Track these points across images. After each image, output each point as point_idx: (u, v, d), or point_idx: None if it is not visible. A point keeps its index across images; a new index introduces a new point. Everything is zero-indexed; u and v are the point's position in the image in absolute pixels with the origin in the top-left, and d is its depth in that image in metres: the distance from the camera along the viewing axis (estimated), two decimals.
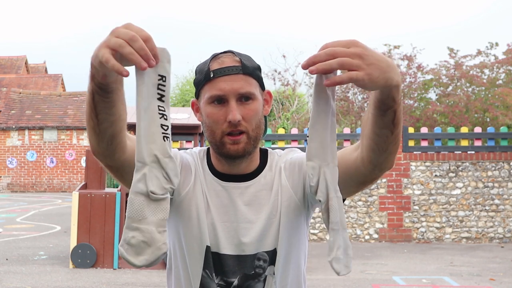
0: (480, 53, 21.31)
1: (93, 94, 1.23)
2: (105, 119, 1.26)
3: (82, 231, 7.87)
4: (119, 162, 1.34)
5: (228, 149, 1.46)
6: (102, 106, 1.24)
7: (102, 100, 1.23)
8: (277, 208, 1.50)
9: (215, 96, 1.45)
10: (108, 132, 1.28)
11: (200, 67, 1.51)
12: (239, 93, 1.45)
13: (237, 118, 1.43)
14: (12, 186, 25.86)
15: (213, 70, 1.46)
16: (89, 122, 1.29)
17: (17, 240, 10.63)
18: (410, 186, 10.92)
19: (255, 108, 1.47)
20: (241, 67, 1.46)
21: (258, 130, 1.49)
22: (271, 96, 1.57)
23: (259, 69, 1.52)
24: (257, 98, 1.48)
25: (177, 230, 1.53)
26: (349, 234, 10.89)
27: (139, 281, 7.08)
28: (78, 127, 25.86)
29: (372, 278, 7.46)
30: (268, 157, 1.58)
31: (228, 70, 1.45)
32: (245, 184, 1.52)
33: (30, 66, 35.65)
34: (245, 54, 1.52)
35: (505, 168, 10.88)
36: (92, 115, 1.26)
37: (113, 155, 1.32)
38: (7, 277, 7.29)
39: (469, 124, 18.59)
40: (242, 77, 1.45)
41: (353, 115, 21.84)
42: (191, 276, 1.52)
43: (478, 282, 7.23)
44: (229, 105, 1.44)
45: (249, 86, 1.46)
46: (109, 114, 1.25)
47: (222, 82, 1.44)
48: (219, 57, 1.48)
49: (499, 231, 10.81)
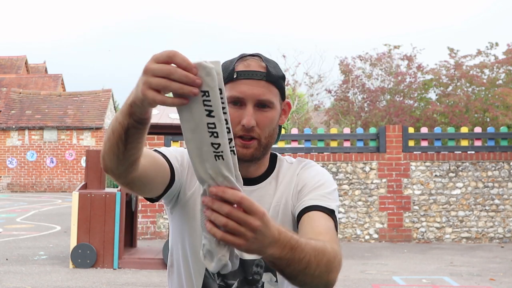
0: (480, 53, 21.32)
1: (127, 128, 1.18)
2: (134, 147, 1.23)
3: (82, 231, 7.87)
4: (131, 179, 1.31)
5: (237, 151, 1.44)
6: (136, 137, 1.20)
7: (137, 132, 1.19)
8: (276, 218, 1.51)
9: (234, 97, 1.44)
10: (132, 158, 1.25)
11: (226, 64, 1.49)
12: (258, 99, 1.44)
13: (251, 124, 1.43)
14: (12, 186, 25.86)
15: (238, 71, 1.45)
16: (113, 150, 1.23)
17: (17, 240, 10.63)
18: (410, 186, 10.92)
19: (271, 117, 1.47)
20: (266, 73, 1.45)
21: (270, 139, 1.49)
22: (289, 107, 1.56)
23: (283, 78, 1.51)
24: (275, 107, 1.48)
25: (182, 229, 1.54)
26: (349, 234, 10.89)
27: (139, 281, 7.08)
28: (78, 127, 25.86)
29: (372, 278, 7.46)
30: (276, 163, 1.58)
31: (252, 74, 1.45)
32: (250, 188, 1.52)
33: (30, 66, 35.66)
34: (272, 60, 1.51)
35: (505, 168, 10.88)
36: (119, 145, 1.21)
37: (127, 176, 1.30)
38: (7, 277, 7.29)
39: (469, 124, 18.60)
40: (264, 84, 1.45)
41: (353, 115, 21.83)
42: (193, 275, 1.52)
43: (478, 282, 7.23)
44: (246, 109, 1.44)
45: (269, 94, 1.46)
46: (139, 142, 1.22)
47: (244, 85, 1.44)
48: (246, 59, 1.48)
49: (499, 231, 10.81)
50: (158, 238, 10.77)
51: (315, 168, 1.58)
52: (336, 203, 1.51)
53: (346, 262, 8.44)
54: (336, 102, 23.29)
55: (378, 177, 10.93)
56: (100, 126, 25.88)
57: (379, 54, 22.39)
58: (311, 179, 1.53)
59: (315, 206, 1.46)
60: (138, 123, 1.17)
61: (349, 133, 11.72)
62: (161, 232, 10.85)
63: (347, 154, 11.03)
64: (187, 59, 1.05)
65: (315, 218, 1.43)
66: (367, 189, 10.94)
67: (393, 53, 22.23)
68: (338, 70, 23.32)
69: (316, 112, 26.00)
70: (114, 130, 1.20)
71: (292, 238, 1.19)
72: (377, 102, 21.78)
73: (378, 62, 22.35)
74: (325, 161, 11.01)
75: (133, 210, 8.92)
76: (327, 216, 1.44)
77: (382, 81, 22.36)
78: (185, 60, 1.05)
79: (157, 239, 10.71)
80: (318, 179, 1.54)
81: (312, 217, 1.44)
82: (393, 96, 21.87)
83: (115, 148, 1.22)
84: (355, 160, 10.99)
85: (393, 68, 22.20)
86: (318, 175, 1.55)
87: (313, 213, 1.45)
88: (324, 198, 1.48)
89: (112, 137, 1.21)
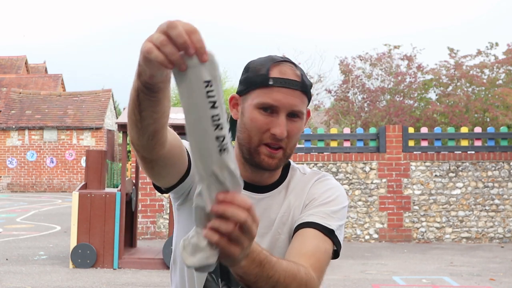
0: (480, 53, 21.31)
1: (138, 92, 1.15)
2: (149, 116, 1.19)
3: (82, 231, 7.87)
4: (156, 156, 1.29)
5: (262, 159, 1.43)
6: (147, 104, 1.17)
7: (147, 98, 1.16)
8: (282, 229, 1.49)
9: (268, 104, 1.40)
10: (151, 128, 1.22)
11: (257, 67, 1.45)
12: (292, 110, 1.41)
13: (284, 135, 1.40)
14: (12, 186, 25.86)
15: (273, 78, 1.41)
16: (131, 117, 1.21)
17: (17, 240, 10.63)
18: (410, 186, 10.92)
19: (299, 127, 1.44)
20: (301, 83, 1.42)
21: (293, 149, 1.47)
22: (309, 115, 1.53)
23: (312, 86, 1.49)
24: (303, 118, 1.46)
25: (189, 228, 1.53)
26: (349, 234, 10.89)
27: (139, 281, 7.07)
28: (78, 127, 25.86)
29: (372, 278, 7.46)
30: (289, 172, 1.56)
31: (288, 83, 1.41)
32: (260, 196, 1.50)
33: (30, 66, 35.66)
34: (300, 67, 1.48)
35: (505, 168, 10.88)
36: (135, 111, 1.19)
37: (152, 150, 1.26)
38: (7, 277, 7.29)
39: (469, 124, 18.59)
40: (299, 94, 1.42)
41: (353, 115, 21.82)
42: (195, 277, 1.50)
43: (478, 282, 7.23)
44: (278, 118, 1.40)
45: (302, 105, 1.43)
46: (153, 112, 1.19)
47: (280, 93, 1.40)
48: (280, 65, 1.44)
49: (499, 231, 10.81)
50: (158, 238, 10.77)
51: (328, 183, 1.54)
52: (339, 223, 1.47)
53: (346, 262, 8.45)
54: (336, 102, 23.29)
55: (378, 177, 10.93)
56: (100, 126, 25.88)
57: (379, 54, 22.38)
58: (321, 195, 1.50)
59: (313, 223, 1.42)
60: (145, 87, 1.13)
61: (349, 133, 11.72)
62: (161, 232, 10.85)
63: (347, 154, 11.03)
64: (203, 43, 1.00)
65: (307, 236, 1.40)
66: (367, 189, 10.94)
67: (393, 53, 22.22)
68: (338, 70, 23.31)
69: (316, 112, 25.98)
70: (131, 96, 1.18)
71: (261, 252, 1.17)
72: (377, 102, 21.77)
73: (378, 62, 22.33)
74: (325, 161, 11.01)
75: (133, 210, 8.91)
76: (322, 236, 1.41)
77: (382, 81, 22.35)
78: (200, 41, 0.99)
79: (157, 239, 10.71)
80: (328, 195, 1.50)
81: (304, 235, 1.40)
82: (393, 96, 21.86)
83: (132, 115, 1.20)
84: (355, 160, 10.99)
85: (393, 68, 22.19)
86: (329, 191, 1.51)
87: (308, 230, 1.41)
88: (326, 216, 1.45)
89: (130, 103, 1.19)
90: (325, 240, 1.41)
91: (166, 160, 1.30)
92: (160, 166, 1.32)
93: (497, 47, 21.32)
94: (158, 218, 10.91)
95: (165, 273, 7.39)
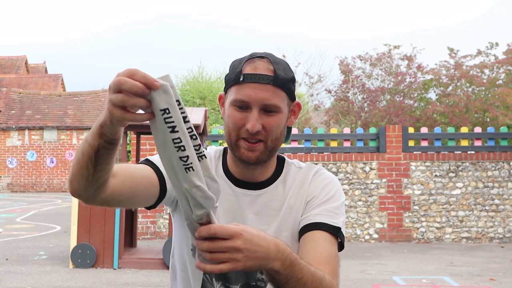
0: (480, 53, 21.30)
1: (97, 149, 1.17)
2: (103, 169, 1.21)
3: (82, 231, 7.87)
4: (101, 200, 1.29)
5: (242, 153, 1.44)
6: (105, 157, 1.19)
7: (107, 153, 1.18)
8: (285, 225, 1.50)
9: (239, 100, 1.42)
10: (102, 179, 1.23)
11: (235, 65, 1.47)
12: (264, 104, 1.41)
13: (255, 129, 1.41)
14: (12, 186, 25.86)
15: (244, 74, 1.42)
16: (82, 172, 1.21)
17: (17, 240, 10.63)
18: (410, 186, 10.92)
19: (278, 121, 1.44)
20: (273, 77, 1.42)
21: (277, 141, 1.46)
22: (299, 108, 1.53)
23: (293, 80, 1.47)
24: (282, 111, 1.45)
25: (181, 233, 1.53)
26: (349, 234, 10.89)
27: (139, 281, 7.07)
28: (78, 127, 25.87)
29: (372, 278, 7.46)
30: (284, 167, 1.56)
31: (258, 78, 1.41)
32: (257, 192, 1.51)
33: (30, 66, 35.66)
34: (283, 61, 1.47)
35: (505, 168, 10.88)
36: (89, 166, 1.20)
37: (95, 198, 1.27)
38: (7, 277, 7.29)
39: (469, 124, 18.60)
40: (270, 88, 1.41)
41: (353, 115, 21.81)
42: (191, 278, 1.51)
43: (478, 282, 7.23)
44: (251, 113, 1.41)
45: (276, 99, 1.42)
46: (108, 164, 1.21)
47: (250, 89, 1.41)
48: (254, 61, 1.44)
49: (499, 231, 10.81)
50: (158, 238, 10.77)
51: (325, 177, 1.55)
52: (342, 218, 1.49)
53: (346, 262, 8.44)
54: (336, 102, 23.27)
55: (378, 177, 10.94)
56: None
57: (379, 54, 22.37)
58: (321, 191, 1.51)
59: (320, 224, 1.44)
60: (108, 143, 1.16)
61: (349, 133, 11.72)
62: (161, 232, 10.85)
63: (347, 154, 11.03)
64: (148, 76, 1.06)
65: (319, 242, 1.42)
66: (367, 189, 10.94)
67: (393, 53, 22.21)
68: (338, 70, 23.29)
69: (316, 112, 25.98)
70: (84, 152, 1.19)
71: (291, 253, 1.23)
72: (377, 102, 21.76)
73: (378, 62, 22.33)
74: (325, 161, 11.01)
75: (133, 210, 8.91)
76: (331, 237, 1.44)
77: (382, 81, 22.34)
78: (144, 77, 1.06)
79: (157, 239, 10.71)
80: (327, 191, 1.51)
81: (315, 240, 1.42)
82: (393, 96, 21.86)
83: (84, 170, 1.21)
84: (355, 160, 10.99)
85: (393, 68, 22.19)
86: (327, 186, 1.52)
87: (317, 234, 1.43)
88: (331, 214, 1.47)
89: (82, 158, 1.20)
90: (334, 242, 1.45)
91: (116, 199, 1.31)
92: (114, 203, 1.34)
93: (497, 47, 21.32)
94: (158, 218, 10.91)
95: (165, 273, 7.39)
